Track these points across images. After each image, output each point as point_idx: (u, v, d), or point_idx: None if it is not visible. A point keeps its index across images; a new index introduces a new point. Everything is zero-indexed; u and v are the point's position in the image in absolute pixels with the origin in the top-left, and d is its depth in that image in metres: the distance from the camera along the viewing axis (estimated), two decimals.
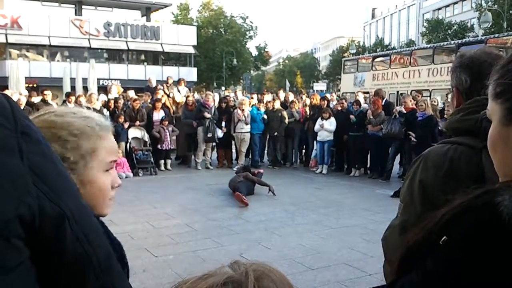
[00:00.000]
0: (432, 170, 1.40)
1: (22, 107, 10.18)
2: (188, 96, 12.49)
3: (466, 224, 0.70)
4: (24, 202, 0.70)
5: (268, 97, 13.79)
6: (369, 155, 11.00)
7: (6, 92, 12.54)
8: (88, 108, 10.67)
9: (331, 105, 11.90)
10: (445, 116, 9.25)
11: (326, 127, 10.85)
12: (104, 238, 0.88)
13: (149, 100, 12.06)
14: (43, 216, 0.73)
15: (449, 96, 1.67)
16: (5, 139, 0.71)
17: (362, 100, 11.83)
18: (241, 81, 51.79)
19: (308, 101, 12.44)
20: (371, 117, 10.39)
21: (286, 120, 11.63)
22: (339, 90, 30.39)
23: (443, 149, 1.42)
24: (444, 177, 1.36)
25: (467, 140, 1.38)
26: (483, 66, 1.48)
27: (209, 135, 11.10)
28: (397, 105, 12.11)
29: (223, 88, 40.67)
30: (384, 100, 11.06)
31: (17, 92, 13.93)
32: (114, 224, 6.20)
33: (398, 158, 10.65)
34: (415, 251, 0.77)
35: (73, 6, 33.84)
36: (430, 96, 16.97)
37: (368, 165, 11.08)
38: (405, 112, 9.82)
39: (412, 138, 9.28)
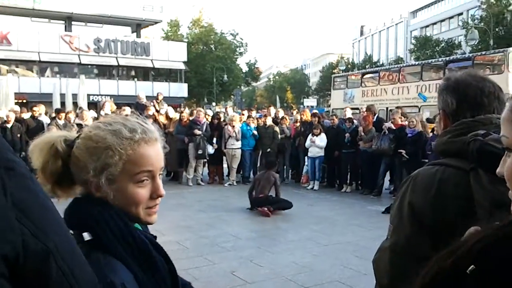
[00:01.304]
0: (420, 192, 1.41)
1: (11, 124, 10.12)
2: (182, 112, 12.47)
3: (502, 251, 0.69)
4: (8, 241, 0.69)
5: (254, 113, 13.75)
6: (360, 171, 11.04)
7: None
8: (80, 125, 10.62)
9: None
10: (435, 132, 9.33)
11: (317, 143, 10.88)
12: (89, 270, 0.87)
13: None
14: (27, 253, 0.72)
15: (437, 118, 1.68)
16: None
17: (349, 115, 11.87)
18: (232, 97, 51.96)
19: (298, 117, 12.48)
20: (363, 133, 10.44)
21: (278, 137, 11.64)
22: (329, 106, 30.57)
23: (431, 170, 1.43)
24: (433, 198, 1.37)
25: (455, 162, 1.39)
26: (469, 89, 1.50)
27: (200, 152, 11.08)
28: (386, 121, 12.20)
29: (213, 103, 40.76)
30: (375, 116, 11.13)
31: (7, 109, 13.85)
32: None
33: (389, 174, 10.71)
34: (440, 281, 0.75)
35: (63, 22, 33.92)
36: (419, 111, 17.15)
37: (360, 181, 11.12)
38: (394, 128, 9.89)
39: (403, 155, 9.34)
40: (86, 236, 1.04)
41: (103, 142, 1.09)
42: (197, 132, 11.16)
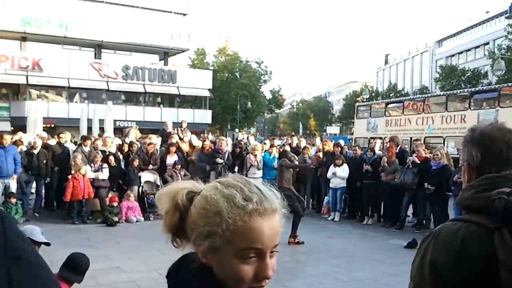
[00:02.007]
0: (443, 249, 1.37)
1: (38, 150, 10.37)
2: (204, 140, 12.61)
3: None
4: None
5: (277, 141, 13.79)
6: (382, 203, 10.87)
7: (24, 136, 12.75)
8: (104, 151, 10.82)
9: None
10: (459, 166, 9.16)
11: (339, 175, 10.80)
12: None
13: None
14: None
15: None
16: None
17: (378, 148, 11.78)
18: (255, 123, 52.21)
19: (321, 146, 12.44)
20: (386, 164, 10.33)
21: None
22: (352, 134, 30.44)
23: (454, 227, 1.40)
24: (456, 257, 1.33)
25: (479, 218, 1.36)
26: (495, 142, 1.46)
27: None
28: (410, 151, 12.08)
29: (236, 130, 41.03)
30: (398, 148, 11.02)
31: (35, 133, 14.24)
32: (123, 272, 6.15)
33: (412, 206, 10.50)
34: None
35: (93, 49, 34.92)
36: (443, 143, 16.90)
37: (382, 213, 10.93)
38: (418, 162, 9.75)
39: (429, 188, 9.20)
40: None
41: (215, 206, 0.99)
42: (219, 160, 11.23)
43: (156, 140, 12.28)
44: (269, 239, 1.00)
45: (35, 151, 10.41)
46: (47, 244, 3.51)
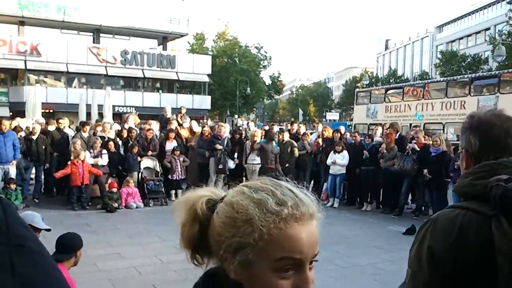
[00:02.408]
0: (441, 236, 1.37)
1: (36, 136, 10.34)
2: (204, 126, 12.58)
3: None
4: None
5: (276, 128, 13.79)
6: (381, 190, 10.88)
7: (21, 121, 12.73)
8: (103, 137, 10.78)
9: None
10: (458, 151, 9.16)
11: (339, 162, 10.80)
12: None
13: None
14: None
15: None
16: None
17: (379, 135, 11.76)
18: (254, 109, 52.11)
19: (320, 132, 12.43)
20: (385, 151, 10.32)
21: (296, 153, 11.59)
22: (352, 120, 30.41)
23: (452, 214, 1.39)
24: (453, 244, 1.33)
25: (476, 205, 1.36)
26: (493, 129, 1.46)
27: (220, 166, 11.11)
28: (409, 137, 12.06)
29: (236, 116, 40.98)
30: (398, 134, 11.01)
31: (34, 118, 14.21)
32: (123, 258, 6.18)
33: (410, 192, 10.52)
34: None
35: (91, 34, 34.68)
36: (443, 129, 16.90)
37: (381, 199, 10.96)
38: (418, 149, 9.74)
39: (427, 175, 9.21)
40: None
41: (244, 213, 0.88)
42: (218, 147, 11.21)
43: (155, 126, 12.24)
44: (308, 247, 0.88)
45: (34, 137, 10.38)
46: (48, 230, 3.51)
